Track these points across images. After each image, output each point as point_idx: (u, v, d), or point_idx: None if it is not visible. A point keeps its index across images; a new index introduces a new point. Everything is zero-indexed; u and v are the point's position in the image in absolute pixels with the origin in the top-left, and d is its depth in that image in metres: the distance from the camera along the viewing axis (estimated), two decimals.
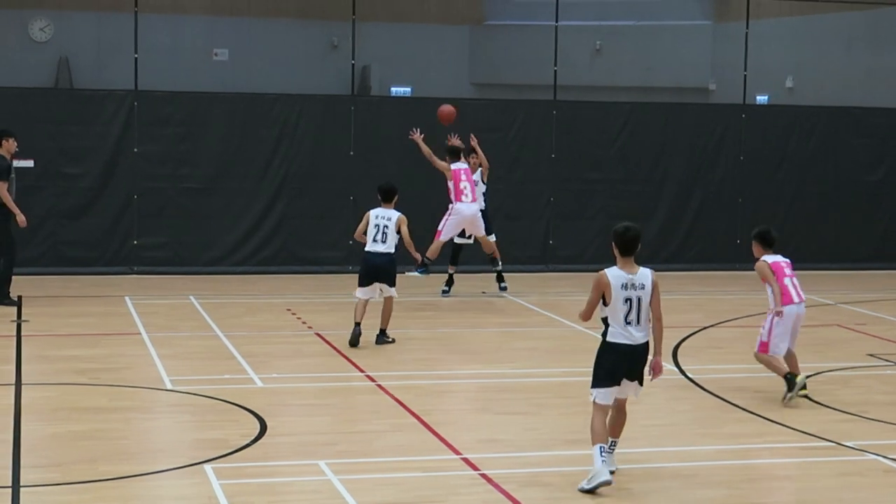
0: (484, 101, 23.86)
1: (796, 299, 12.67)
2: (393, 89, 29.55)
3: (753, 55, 22.97)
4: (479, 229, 18.14)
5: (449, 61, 30.19)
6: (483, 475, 9.91)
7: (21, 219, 16.84)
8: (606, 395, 9.70)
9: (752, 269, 12.97)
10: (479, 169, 18.56)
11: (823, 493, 9.83)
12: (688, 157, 22.29)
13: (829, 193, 22.78)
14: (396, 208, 15.13)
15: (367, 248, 15.05)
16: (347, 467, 10.02)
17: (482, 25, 31.15)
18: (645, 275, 9.66)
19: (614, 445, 9.91)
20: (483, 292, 19.18)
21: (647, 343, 9.70)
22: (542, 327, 16.79)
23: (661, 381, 12.55)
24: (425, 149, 17.72)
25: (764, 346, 12.67)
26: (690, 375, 13.80)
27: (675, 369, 14.06)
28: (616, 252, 9.68)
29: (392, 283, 14.97)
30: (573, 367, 13.65)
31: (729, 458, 10.68)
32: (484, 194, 18.59)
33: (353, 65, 22.26)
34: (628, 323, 9.59)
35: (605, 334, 9.72)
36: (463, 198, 17.68)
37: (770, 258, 12.70)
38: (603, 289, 9.59)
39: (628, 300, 9.56)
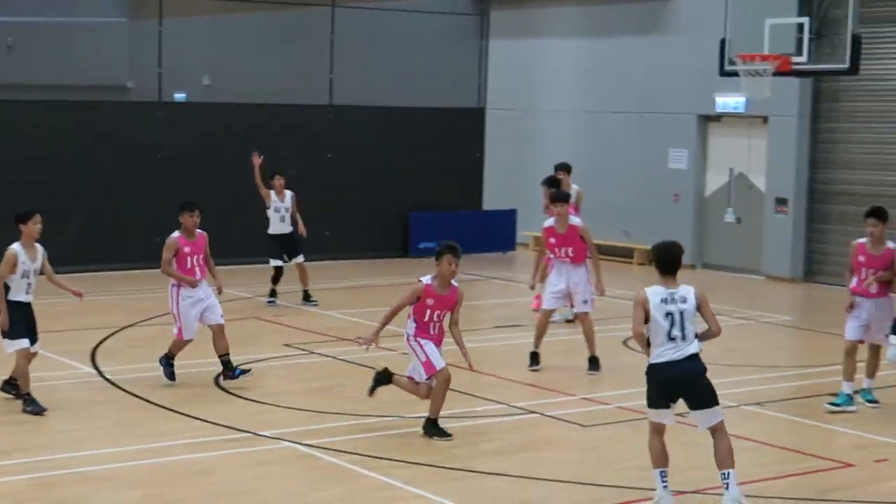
0: None
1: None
2: None
3: (170, 53, 23.02)
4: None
5: None
6: None
7: None
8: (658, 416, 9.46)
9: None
10: None
11: (240, 483, 10.02)
12: (106, 156, 21.97)
13: (248, 190, 23.15)
14: None
15: None
16: None
17: None
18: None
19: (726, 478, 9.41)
20: None
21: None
22: None
23: (82, 383, 12.37)
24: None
25: None
26: (110, 377, 13.63)
27: (94, 371, 13.85)
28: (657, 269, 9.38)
29: None
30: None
31: (149, 458, 10.65)
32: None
33: None
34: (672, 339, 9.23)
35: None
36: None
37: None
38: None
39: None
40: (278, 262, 18.67)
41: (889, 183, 21.47)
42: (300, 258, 18.73)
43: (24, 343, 12.01)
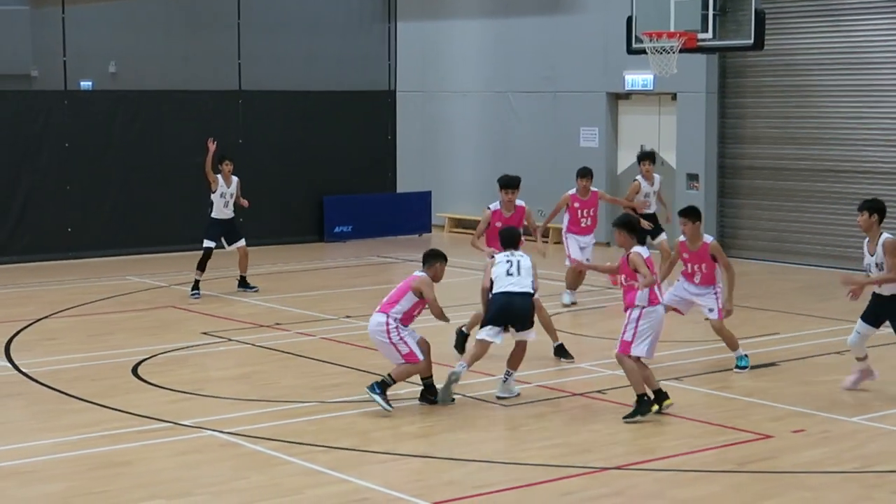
0: None
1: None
2: None
3: (74, 41, 22.70)
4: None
5: None
6: None
7: None
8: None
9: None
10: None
11: (163, 473, 9.94)
12: (12, 145, 21.63)
13: (157, 177, 22.97)
14: None
15: None
16: None
17: None
18: None
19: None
20: None
21: None
22: None
23: None
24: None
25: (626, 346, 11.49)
26: (25, 370, 13.45)
27: (9, 365, 13.66)
28: None
29: None
30: None
31: (69, 451, 10.53)
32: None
33: None
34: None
35: None
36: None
37: (641, 249, 11.64)
38: None
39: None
40: (211, 244, 18.33)
41: (795, 157, 21.78)
42: (241, 242, 18.56)
43: None
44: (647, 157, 18.48)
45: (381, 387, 11.62)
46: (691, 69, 21.30)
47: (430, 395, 12.03)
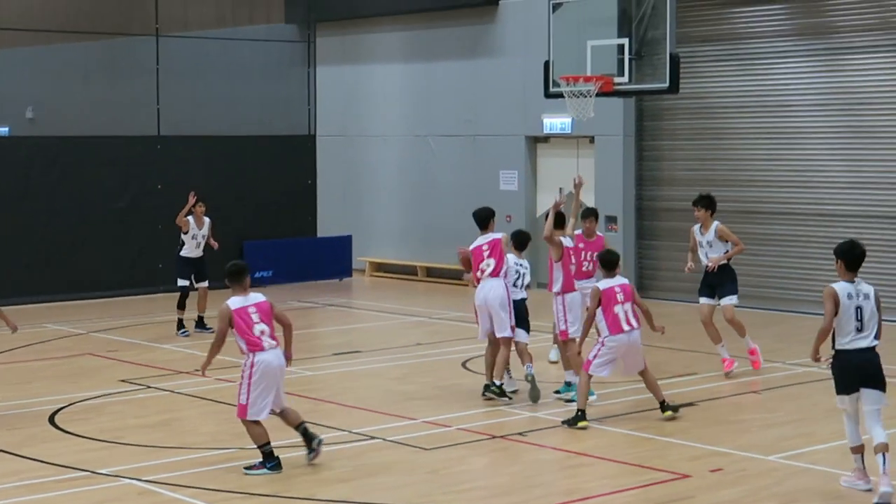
0: None
1: (625, 327, 12.74)
2: None
3: None
4: None
5: None
6: None
7: None
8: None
9: None
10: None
11: None
12: None
13: (76, 223, 22.78)
14: None
15: None
16: None
17: None
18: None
19: None
20: None
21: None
22: None
23: None
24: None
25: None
26: None
27: None
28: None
29: None
30: None
31: None
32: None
33: None
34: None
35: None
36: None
37: (604, 283, 12.95)
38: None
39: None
40: (185, 282, 18.66)
41: None
42: (205, 283, 18.70)
43: None
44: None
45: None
46: (608, 113, 21.54)
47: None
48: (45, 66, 27.34)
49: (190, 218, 18.68)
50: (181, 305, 18.66)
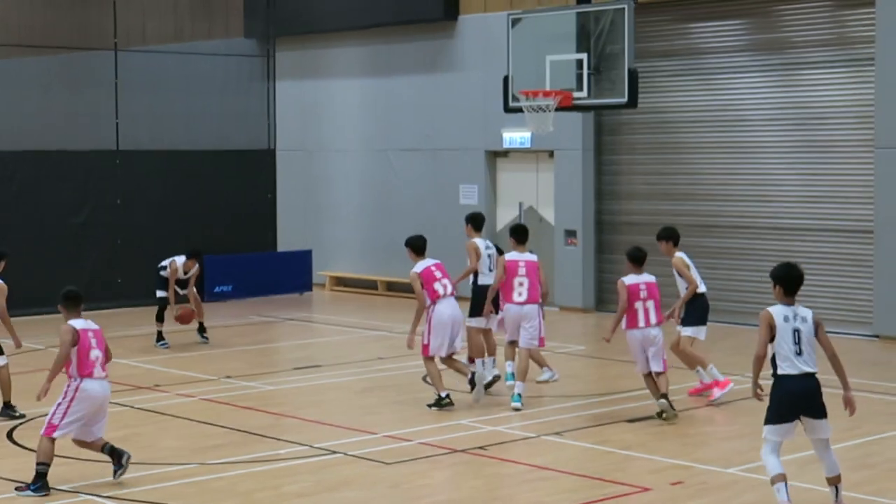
0: None
1: (641, 323, 13.70)
2: None
3: None
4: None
5: None
6: None
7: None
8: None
9: None
10: None
11: None
12: None
13: (35, 238, 22.66)
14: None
15: None
16: None
17: None
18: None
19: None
20: None
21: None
22: None
23: None
24: None
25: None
26: None
27: None
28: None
29: None
30: None
31: None
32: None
33: None
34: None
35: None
36: None
37: (630, 279, 13.87)
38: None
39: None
40: (164, 293, 18.98)
41: (670, 212, 22.17)
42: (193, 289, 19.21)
43: None
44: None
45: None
46: (568, 127, 21.65)
47: None
48: (3, 80, 27.17)
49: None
50: (160, 318, 18.87)
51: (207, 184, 24.83)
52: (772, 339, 9.83)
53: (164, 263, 19.14)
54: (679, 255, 15.11)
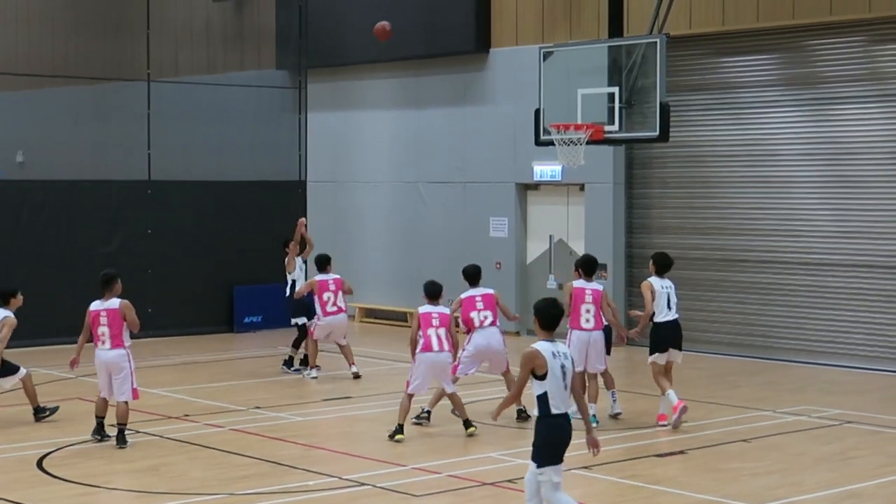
0: None
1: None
2: None
3: None
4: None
5: None
6: None
7: None
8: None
9: None
10: None
11: None
12: None
13: (65, 266, 22.77)
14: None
15: None
16: None
17: None
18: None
19: None
20: None
21: None
22: None
23: None
24: None
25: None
26: None
27: None
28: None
29: None
30: None
31: None
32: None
33: None
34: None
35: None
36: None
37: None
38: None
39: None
40: (302, 320, 19.84)
41: (700, 247, 22.13)
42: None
43: None
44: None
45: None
46: (599, 160, 21.65)
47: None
48: (36, 110, 27.39)
49: (298, 259, 20.30)
50: (297, 344, 19.73)
51: (238, 214, 24.91)
52: (543, 377, 9.52)
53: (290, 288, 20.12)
54: (649, 280, 15.70)
